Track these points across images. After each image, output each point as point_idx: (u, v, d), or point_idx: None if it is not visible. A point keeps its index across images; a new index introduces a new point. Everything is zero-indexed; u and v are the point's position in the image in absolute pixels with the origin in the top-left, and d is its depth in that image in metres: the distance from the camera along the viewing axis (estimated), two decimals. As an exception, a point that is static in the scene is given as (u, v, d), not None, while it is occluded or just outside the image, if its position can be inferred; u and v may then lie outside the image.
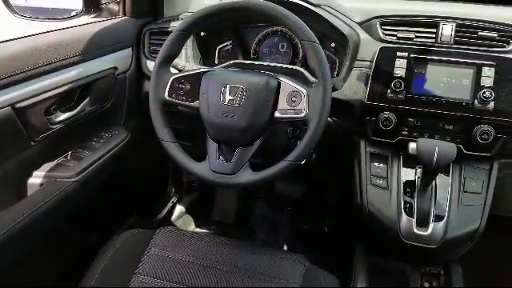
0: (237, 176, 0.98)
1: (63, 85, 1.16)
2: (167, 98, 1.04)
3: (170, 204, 1.91)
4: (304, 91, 0.96)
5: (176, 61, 1.22)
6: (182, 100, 1.04)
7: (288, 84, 0.98)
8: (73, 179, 1.16)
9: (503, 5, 1.26)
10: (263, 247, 1.18)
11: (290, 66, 1.18)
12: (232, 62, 1.23)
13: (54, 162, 1.19)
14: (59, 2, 1.47)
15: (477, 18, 1.14)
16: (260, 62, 1.22)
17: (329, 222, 1.89)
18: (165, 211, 1.88)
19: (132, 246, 1.11)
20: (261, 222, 1.96)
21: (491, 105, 1.03)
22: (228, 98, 0.98)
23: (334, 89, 1.09)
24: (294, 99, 0.97)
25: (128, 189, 1.62)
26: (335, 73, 1.29)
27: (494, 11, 1.17)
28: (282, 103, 0.98)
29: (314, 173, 1.72)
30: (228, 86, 0.99)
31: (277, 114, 0.98)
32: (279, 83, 0.99)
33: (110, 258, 1.06)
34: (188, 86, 1.04)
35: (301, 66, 1.22)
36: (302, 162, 1.22)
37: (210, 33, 1.40)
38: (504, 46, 1.10)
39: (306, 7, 1.19)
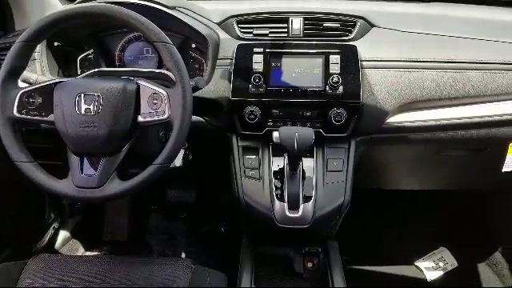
0: (103, 188, 0.95)
1: None
2: (17, 114, 0.97)
3: (50, 230, 1.76)
4: (164, 92, 0.96)
5: (27, 74, 1.14)
6: (35, 115, 0.98)
7: (147, 87, 0.97)
8: None
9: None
10: (152, 259, 1.16)
11: (152, 70, 1.16)
12: (92, 71, 1.18)
13: None
14: None
15: (322, 11, 1.24)
16: (122, 69, 1.18)
17: (224, 221, 1.91)
18: (46, 239, 1.72)
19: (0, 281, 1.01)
20: (157, 233, 1.92)
21: (340, 89, 1.13)
22: (84, 107, 0.94)
23: (197, 88, 1.11)
24: (155, 101, 0.96)
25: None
26: (203, 73, 1.31)
27: (336, 5, 1.29)
28: (144, 107, 0.97)
29: (201, 174, 1.73)
30: (83, 94, 0.95)
31: (140, 119, 0.97)
32: (138, 86, 0.97)
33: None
34: (39, 100, 0.98)
35: (167, 69, 1.21)
36: (179, 165, 1.22)
37: (67, 42, 1.32)
38: (347, 35, 1.21)
39: (161, 10, 1.19)
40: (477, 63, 1.18)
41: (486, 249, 1.84)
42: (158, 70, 1.16)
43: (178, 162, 1.20)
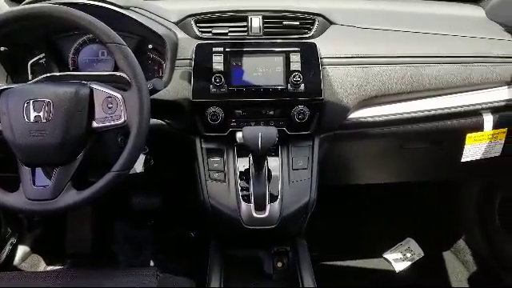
0: (58, 200, 0.90)
1: None
2: None
3: (8, 246, 1.66)
4: (119, 96, 0.92)
5: (-31, 82, 1.07)
6: None
7: (101, 90, 0.93)
8: None
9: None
10: (117, 270, 1.12)
11: (106, 73, 1.12)
12: (43, 76, 1.12)
13: None
14: None
15: (280, 9, 1.23)
16: (75, 73, 1.13)
17: (194, 226, 1.87)
18: (3, 256, 1.62)
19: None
20: (123, 243, 1.85)
21: (302, 87, 1.12)
22: (33, 114, 0.89)
23: (155, 90, 1.07)
24: (110, 106, 0.93)
25: None
26: (163, 74, 1.27)
27: (295, 3, 1.28)
28: (99, 111, 0.93)
29: (166, 179, 1.68)
30: (31, 101, 0.90)
31: (95, 124, 0.93)
32: (92, 91, 0.93)
33: None
34: None
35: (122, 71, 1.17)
36: (140, 170, 1.18)
37: (16, 46, 1.24)
38: (306, 33, 1.21)
39: (114, 10, 1.14)
40: (434, 57, 1.20)
41: (450, 237, 1.90)
42: (112, 73, 1.11)
43: (138, 167, 1.16)
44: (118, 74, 1.09)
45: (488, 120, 1.26)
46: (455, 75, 1.20)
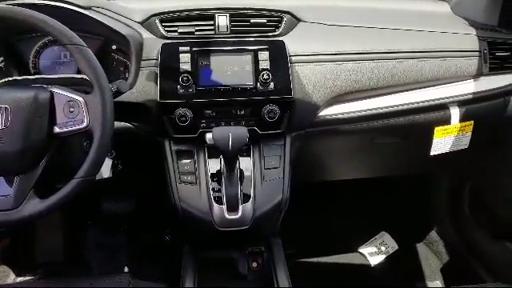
0: (21, 209, 0.87)
1: None
2: None
3: (-27, 259, 1.60)
4: (81, 99, 0.89)
5: None
6: None
7: (62, 94, 0.90)
8: None
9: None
10: (89, 278, 1.09)
11: (67, 76, 1.08)
12: (2, 80, 1.07)
13: None
14: None
15: (247, 6, 1.21)
16: (34, 76, 1.09)
17: (168, 230, 1.84)
18: (-32, 269, 1.56)
19: None
20: (96, 250, 1.80)
21: (271, 85, 1.11)
22: None
23: (120, 92, 1.05)
24: (71, 110, 0.89)
25: None
26: (128, 75, 1.24)
27: (262, 1, 1.26)
28: (60, 116, 0.89)
29: (137, 183, 1.65)
30: None
31: (56, 130, 0.89)
32: (52, 95, 0.89)
33: None
34: None
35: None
36: (107, 176, 1.15)
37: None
38: (274, 31, 1.20)
39: (76, 11, 1.10)
40: (402, 53, 1.22)
41: (423, 229, 1.93)
42: (73, 76, 1.07)
43: (106, 172, 1.13)
44: (79, 76, 1.05)
45: (455, 113, 1.28)
46: (423, 70, 1.22)
